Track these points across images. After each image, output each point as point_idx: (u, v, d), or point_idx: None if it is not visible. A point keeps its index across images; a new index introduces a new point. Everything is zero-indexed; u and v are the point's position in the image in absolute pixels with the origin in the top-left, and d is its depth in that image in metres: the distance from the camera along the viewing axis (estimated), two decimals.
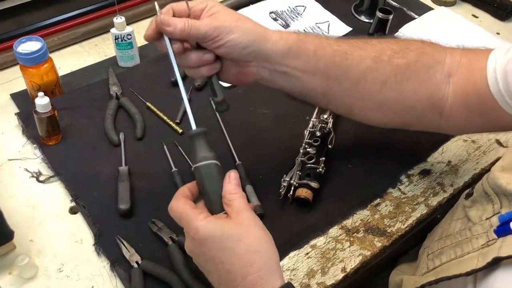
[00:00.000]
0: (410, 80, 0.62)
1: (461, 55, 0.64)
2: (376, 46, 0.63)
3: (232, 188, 0.54)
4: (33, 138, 0.80)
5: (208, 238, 0.50)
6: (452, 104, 0.63)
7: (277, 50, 0.60)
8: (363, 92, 0.63)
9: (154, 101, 0.87)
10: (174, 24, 0.57)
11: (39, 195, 0.74)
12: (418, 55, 0.63)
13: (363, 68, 0.62)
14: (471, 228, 0.58)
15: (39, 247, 0.68)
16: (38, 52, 0.79)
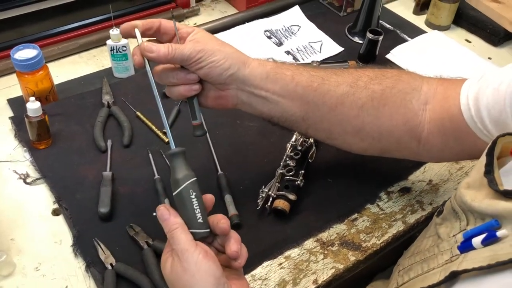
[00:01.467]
0: (387, 105, 0.65)
1: (438, 84, 0.66)
2: (353, 73, 0.66)
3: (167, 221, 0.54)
4: (24, 142, 0.83)
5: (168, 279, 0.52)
6: (429, 132, 0.65)
7: (255, 74, 0.63)
8: (341, 116, 0.65)
9: (144, 111, 0.90)
10: (157, 50, 0.59)
11: (25, 196, 0.76)
12: (394, 82, 0.66)
13: (340, 93, 0.64)
14: (439, 244, 0.58)
15: (19, 246, 0.70)
16: (33, 59, 0.82)
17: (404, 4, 1.26)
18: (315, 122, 0.67)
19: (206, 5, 1.22)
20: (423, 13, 1.21)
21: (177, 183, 0.54)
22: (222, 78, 0.62)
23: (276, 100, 0.64)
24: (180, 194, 0.54)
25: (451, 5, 1.13)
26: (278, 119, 0.67)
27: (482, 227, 0.50)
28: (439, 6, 1.13)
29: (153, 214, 0.74)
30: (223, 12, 1.19)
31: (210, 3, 1.23)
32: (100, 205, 0.72)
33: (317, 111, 0.65)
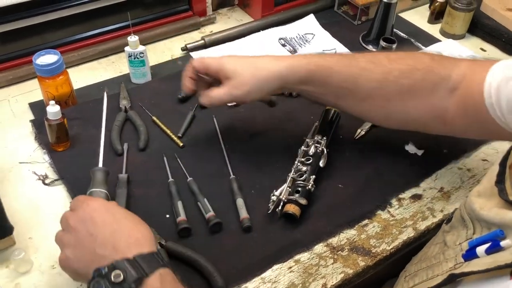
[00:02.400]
0: (414, 97, 0.69)
1: (466, 67, 0.68)
2: (385, 67, 0.70)
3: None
4: (43, 144, 0.86)
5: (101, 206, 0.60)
6: (454, 114, 0.69)
7: (291, 83, 0.72)
8: (369, 107, 0.73)
9: (160, 116, 0.92)
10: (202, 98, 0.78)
11: (43, 197, 0.79)
12: (424, 73, 0.69)
13: (369, 89, 0.71)
14: (444, 252, 0.59)
15: (37, 244, 0.72)
16: (54, 64, 0.85)
17: (419, 13, 1.27)
18: (346, 107, 0.76)
19: (223, 13, 1.25)
20: (438, 22, 1.21)
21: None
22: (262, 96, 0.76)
23: (309, 93, 0.74)
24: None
25: (466, 14, 1.13)
26: (312, 101, 0.78)
27: (487, 236, 0.51)
28: (454, 15, 1.14)
29: (167, 216, 0.75)
30: (238, 20, 1.22)
31: (227, 11, 1.26)
32: None
33: (346, 102, 0.74)
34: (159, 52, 1.11)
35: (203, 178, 0.81)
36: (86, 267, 0.53)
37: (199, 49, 1.08)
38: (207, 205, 0.75)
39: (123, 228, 0.56)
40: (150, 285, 0.51)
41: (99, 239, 0.55)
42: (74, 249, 0.56)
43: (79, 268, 0.55)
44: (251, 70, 0.71)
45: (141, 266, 0.52)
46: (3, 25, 0.97)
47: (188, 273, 0.68)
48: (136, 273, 0.51)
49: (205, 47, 1.10)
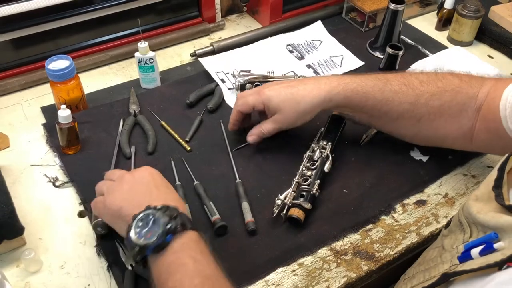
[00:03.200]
0: (443, 117, 0.74)
1: (491, 85, 0.72)
2: (416, 90, 0.75)
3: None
4: (54, 147, 0.88)
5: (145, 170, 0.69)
6: (478, 130, 0.73)
7: (329, 107, 0.79)
8: (400, 126, 0.78)
9: (168, 120, 0.93)
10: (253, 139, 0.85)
11: (53, 199, 0.80)
12: (453, 95, 0.73)
13: (401, 110, 0.75)
14: (442, 255, 0.59)
15: (47, 244, 0.74)
16: (66, 70, 0.87)
17: (427, 20, 1.27)
18: (378, 126, 0.83)
19: (231, 20, 1.26)
20: (446, 29, 1.22)
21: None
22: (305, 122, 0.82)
23: (344, 111, 0.81)
24: None
25: (473, 21, 1.13)
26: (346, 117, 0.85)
27: (481, 239, 0.52)
28: (461, 22, 1.14)
29: None
30: (247, 27, 1.23)
31: (235, 18, 1.27)
32: None
33: (379, 121, 0.79)
34: (168, 57, 1.13)
35: (209, 181, 0.82)
36: (134, 206, 0.60)
37: (207, 55, 1.10)
38: (213, 208, 0.76)
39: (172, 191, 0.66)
40: (190, 234, 0.58)
41: (153, 194, 0.63)
42: (124, 193, 0.64)
43: (124, 206, 0.62)
44: (292, 105, 0.78)
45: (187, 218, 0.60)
46: (17, 31, 0.99)
47: None
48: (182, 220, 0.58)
49: (214, 53, 1.11)
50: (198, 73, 1.06)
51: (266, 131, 0.82)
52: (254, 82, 0.97)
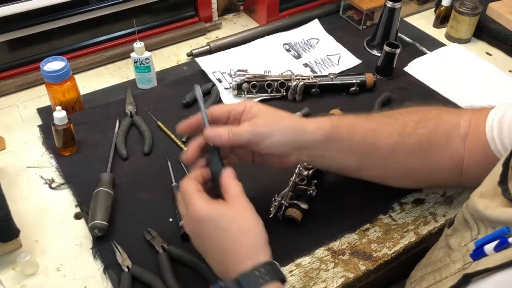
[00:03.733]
0: (434, 147, 0.70)
1: (470, 115, 0.71)
2: (399, 119, 0.71)
3: (230, 177, 0.61)
4: (50, 149, 0.87)
5: (205, 219, 0.57)
6: (466, 162, 0.70)
7: (314, 140, 0.66)
8: (393, 162, 0.71)
9: (164, 121, 0.93)
10: (219, 136, 0.63)
11: (49, 200, 0.80)
12: (437, 122, 0.71)
13: (391, 143, 0.69)
14: (450, 254, 0.59)
15: (43, 247, 0.73)
16: (61, 71, 0.87)
17: (424, 18, 1.27)
18: (369, 170, 0.72)
19: (228, 19, 1.26)
20: (443, 26, 1.21)
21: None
22: (283, 151, 0.66)
23: (333, 156, 0.69)
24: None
25: (471, 18, 1.13)
26: (335, 170, 0.73)
27: (493, 234, 0.51)
28: (459, 19, 1.14)
29: (170, 219, 0.76)
30: (244, 26, 1.23)
31: (232, 17, 1.27)
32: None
33: (371, 160, 0.70)
34: (165, 57, 1.12)
35: None
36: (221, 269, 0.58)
37: (204, 55, 1.10)
38: None
39: (228, 244, 0.57)
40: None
41: (209, 256, 0.60)
42: (204, 251, 0.61)
43: (210, 263, 0.61)
44: (275, 117, 0.66)
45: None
46: (12, 32, 0.99)
47: (190, 277, 0.69)
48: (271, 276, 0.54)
49: (210, 52, 1.11)
50: (195, 73, 1.06)
51: (235, 131, 0.63)
52: (251, 82, 0.97)
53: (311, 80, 0.97)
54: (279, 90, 0.98)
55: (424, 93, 1.01)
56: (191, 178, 0.61)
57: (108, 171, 0.82)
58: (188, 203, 0.59)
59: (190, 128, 0.67)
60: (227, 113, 0.66)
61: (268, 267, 0.55)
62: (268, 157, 0.68)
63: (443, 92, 1.01)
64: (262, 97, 0.98)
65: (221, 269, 0.58)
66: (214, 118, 0.66)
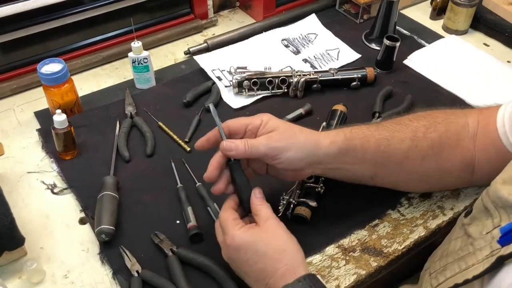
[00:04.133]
0: (445, 150, 0.71)
1: (478, 114, 0.72)
2: (409, 125, 0.72)
3: (258, 200, 0.64)
4: (51, 153, 0.86)
5: (242, 245, 0.60)
6: (478, 160, 0.71)
7: (329, 154, 0.67)
8: (406, 169, 0.71)
9: (165, 121, 0.92)
10: (236, 148, 0.64)
11: (52, 206, 0.79)
12: (446, 125, 0.72)
13: (404, 149, 0.70)
14: (473, 243, 0.59)
15: (49, 254, 0.72)
16: (59, 73, 0.85)
17: (421, 10, 1.26)
18: (383, 178, 0.73)
19: (224, 15, 1.24)
20: (440, 18, 1.21)
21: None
22: (298, 166, 0.67)
23: (347, 168, 0.70)
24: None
25: (468, 10, 1.13)
26: (348, 180, 0.73)
27: None
28: (456, 10, 1.13)
29: (177, 222, 0.75)
30: (240, 22, 1.21)
31: (228, 13, 1.25)
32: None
33: (384, 169, 0.71)
34: (162, 56, 1.11)
35: (211, 183, 0.80)
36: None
37: (202, 52, 1.08)
38: (217, 209, 0.75)
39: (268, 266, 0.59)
40: None
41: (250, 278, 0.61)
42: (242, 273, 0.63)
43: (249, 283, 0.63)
44: (292, 129, 0.67)
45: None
46: (6, 34, 0.97)
47: (201, 279, 0.68)
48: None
49: (208, 50, 1.09)
50: (193, 71, 1.04)
51: (251, 144, 0.64)
52: (252, 79, 0.96)
53: (312, 76, 0.97)
54: (280, 87, 0.97)
55: (425, 86, 1.01)
56: (227, 208, 0.65)
57: (111, 174, 0.80)
58: (224, 231, 0.62)
59: (208, 143, 0.68)
60: (244, 127, 0.67)
61: (310, 278, 0.58)
62: (282, 170, 0.69)
63: (443, 84, 1.01)
64: (263, 94, 0.97)
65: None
66: (232, 131, 0.67)
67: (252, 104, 0.96)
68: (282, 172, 0.69)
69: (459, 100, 0.97)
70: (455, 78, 1.02)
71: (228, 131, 0.67)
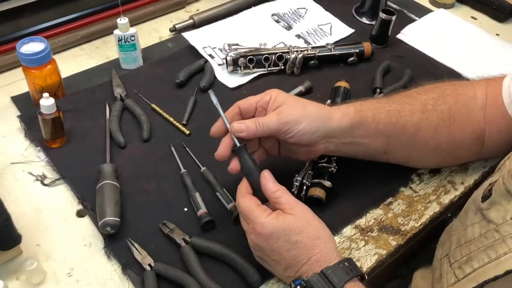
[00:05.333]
0: (456, 121, 0.70)
1: (486, 85, 0.72)
2: (418, 98, 0.71)
3: (272, 186, 0.60)
4: (36, 141, 0.78)
5: (273, 233, 0.57)
6: (488, 132, 0.71)
7: (342, 127, 0.66)
8: (419, 141, 0.70)
9: (159, 103, 0.86)
10: (247, 129, 0.62)
11: (44, 199, 0.72)
12: (455, 97, 0.71)
13: (416, 121, 0.69)
14: (499, 229, 0.56)
15: (47, 251, 0.66)
16: (41, 53, 0.77)
17: None
18: (396, 151, 0.71)
19: None
20: None
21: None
22: (311, 139, 0.65)
23: (360, 142, 0.68)
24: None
25: None
26: (361, 156, 0.71)
27: None
28: None
29: (185, 209, 0.71)
30: None
31: None
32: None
33: (397, 142, 0.70)
34: (145, 34, 1.04)
35: (216, 166, 0.76)
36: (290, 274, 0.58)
37: (189, 29, 1.02)
38: (227, 195, 0.71)
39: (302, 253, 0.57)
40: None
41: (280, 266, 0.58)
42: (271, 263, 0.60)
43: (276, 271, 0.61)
44: (302, 102, 0.65)
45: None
46: None
47: (219, 269, 0.64)
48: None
49: (195, 26, 1.03)
50: (182, 49, 0.98)
51: (262, 122, 0.62)
52: (248, 56, 0.91)
53: (310, 51, 0.93)
54: (276, 64, 0.93)
55: (421, 60, 0.99)
56: (244, 193, 0.61)
57: (108, 162, 0.74)
58: (251, 220, 0.58)
59: (221, 131, 0.66)
60: (254, 104, 0.65)
61: (350, 262, 0.56)
62: (295, 147, 0.67)
63: (438, 58, 1.00)
64: (259, 72, 0.93)
65: (294, 276, 0.58)
66: (243, 111, 0.65)
67: (249, 83, 0.92)
68: (295, 149, 0.67)
69: (455, 74, 0.96)
70: (449, 52, 1.01)
71: (240, 111, 0.65)
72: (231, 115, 0.65)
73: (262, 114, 0.65)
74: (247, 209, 0.59)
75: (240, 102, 0.66)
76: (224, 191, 0.72)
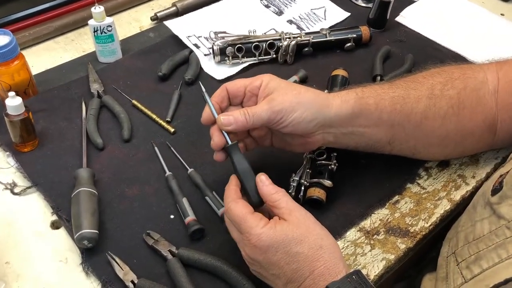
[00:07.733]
0: (465, 108, 0.64)
1: (497, 69, 0.66)
2: (424, 83, 0.65)
3: (270, 189, 0.54)
4: (5, 145, 0.71)
5: (271, 245, 0.50)
6: (501, 120, 0.65)
7: (341, 115, 0.60)
8: (426, 130, 0.64)
9: (140, 99, 0.79)
10: (235, 121, 0.56)
11: (15, 210, 0.65)
12: (463, 81, 0.65)
13: (422, 108, 0.63)
14: (509, 226, 0.51)
15: (17, 270, 0.59)
16: (6, 47, 0.70)
17: None
18: (401, 142, 0.65)
19: None
20: None
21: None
22: (307, 129, 0.59)
23: (361, 132, 0.62)
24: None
25: None
26: (363, 148, 0.65)
27: None
28: None
29: (171, 216, 0.64)
30: None
31: None
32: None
33: (402, 131, 0.64)
34: (124, 24, 0.96)
35: (205, 167, 0.70)
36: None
37: (172, 17, 0.95)
38: (217, 199, 0.64)
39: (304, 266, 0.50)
40: None
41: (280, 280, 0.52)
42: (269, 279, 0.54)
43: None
44: (296, 87, 0.59)
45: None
46: None
47: (210, 283, 0.57)
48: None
49: (178, 14, 0.96)
50: (165, 40, 0.91)
51: (252, 112, 0.56)
52: (236, 45, 0.84)
53: (304, 38, 0.86)
54: (268, 52, 0.85)
55: (423, 44, 0.93)
56: (235, 197, 0.54)
57: (84, 166, 0.67)
58: (245, 231, 0.51)
59: (212, 118, 0.59)
60: (243, 88, 0.59)
61: (359, 275, 0.50)
62: (289, 138, 0.61)
63: (440, 41, 0.93)
64: (249, 62, 0.86)
65: None
66: (231, 95, 0.60)
67: (238, 74, 0.85)
68: (289, 140, 0.62)
69: (460, 57, 0.90)
70: (452, 34, 0.94)
71: (228, 94, 0.60)
72: (220, 99, 0.59)
73: (252, 100, 0.60)
74: (239, 217, 0.52)
75: (228, 84, 0.60)
76: (214, 194, 0.65)
